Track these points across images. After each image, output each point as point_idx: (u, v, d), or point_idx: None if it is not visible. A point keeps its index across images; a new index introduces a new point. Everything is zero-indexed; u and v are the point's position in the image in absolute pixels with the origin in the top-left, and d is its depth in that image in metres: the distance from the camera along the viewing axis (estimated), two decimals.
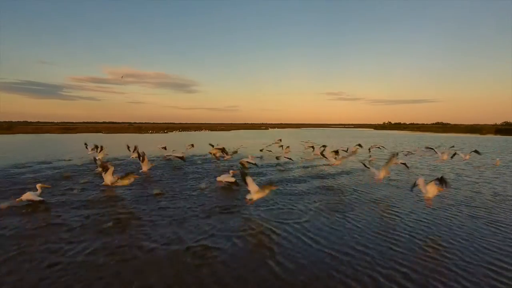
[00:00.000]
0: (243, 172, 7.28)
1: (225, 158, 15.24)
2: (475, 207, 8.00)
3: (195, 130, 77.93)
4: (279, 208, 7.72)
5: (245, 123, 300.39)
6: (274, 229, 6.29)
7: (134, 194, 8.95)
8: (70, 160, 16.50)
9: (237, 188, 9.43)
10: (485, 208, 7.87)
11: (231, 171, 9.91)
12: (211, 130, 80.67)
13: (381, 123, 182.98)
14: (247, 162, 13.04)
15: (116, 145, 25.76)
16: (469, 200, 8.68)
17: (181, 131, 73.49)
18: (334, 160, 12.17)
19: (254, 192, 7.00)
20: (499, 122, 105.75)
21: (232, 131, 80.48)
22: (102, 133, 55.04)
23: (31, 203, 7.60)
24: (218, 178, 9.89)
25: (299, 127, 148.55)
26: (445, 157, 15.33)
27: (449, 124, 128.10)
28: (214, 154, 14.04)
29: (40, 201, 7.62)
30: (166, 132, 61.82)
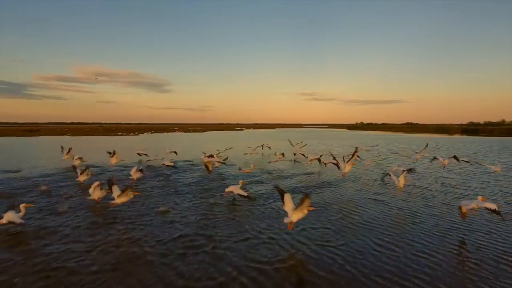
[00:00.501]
0: (280, 189, 5.91)
1: (215, 166, 13.53)
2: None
3: (168, 132, 74.28)
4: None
5: (220, 124, 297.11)
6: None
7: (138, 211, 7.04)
8: (43, 167, 14.45)
9: (252, 202, 8.45)
10: None
11: (240, 181, 8.86)
12: (185, 132, 77.44)
13: (354, 123, 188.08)
14: (217, 162, 12.45)
15: (90, 150, 22.91)
16: None
17: (153, 132, 69.69)
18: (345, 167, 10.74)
19: (292, 212, 5.56)
20: (464, 122, 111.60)
21: (208, 132, 77.74)
22: (68, 135, 50.19)
23: (10, 227, 6.14)
24: (227, 189, 8.67)
25: (274, 128, 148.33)
26: (446, 162, 14.72)
27: (418, 124, 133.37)
28: (206, 165, 12.18)
29: (20, 224, 6.13)
30: (137, 134, 58.00)
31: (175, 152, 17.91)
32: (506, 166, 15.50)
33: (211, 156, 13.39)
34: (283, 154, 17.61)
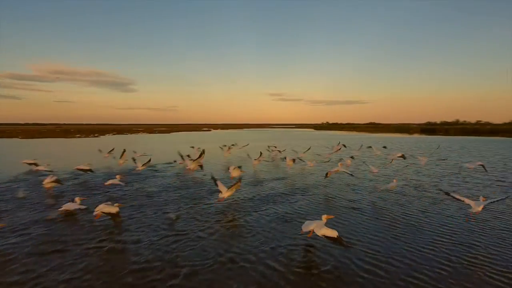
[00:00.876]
0: (214, 178, 8.48)
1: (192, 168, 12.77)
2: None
3: (131, 133, 70.58)
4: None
5: (186, 124, 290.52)
6: None
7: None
8: None
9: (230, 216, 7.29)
10: None
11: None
12: (150, 133, 74.15)
13: (320, 123, 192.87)
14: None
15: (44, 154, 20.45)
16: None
17: (115, 133, 65.84)
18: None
19: (225, 192, 7.97)
20: (423, 121, 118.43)
21: (174, 133, 75.10)
22: (19, 138, 45.39)
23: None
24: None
25: (243, 128, 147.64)
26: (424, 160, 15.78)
27: (380, 124, 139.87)
28: (189, 168, 12.15)
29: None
30: (98, 136, 54.29)
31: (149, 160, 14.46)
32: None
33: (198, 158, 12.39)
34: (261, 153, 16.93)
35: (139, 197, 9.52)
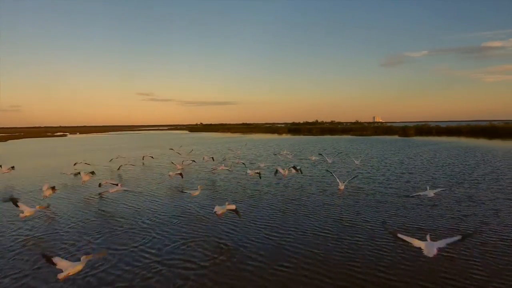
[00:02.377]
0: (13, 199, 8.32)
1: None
2: None
3: None
4: None
5: (33, 127, 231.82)
6: None
7: None
8: None
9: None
10: None
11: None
12: None
13: (194, 123, 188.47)
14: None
15: None
16: None
17: None
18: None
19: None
20: (288, 121, 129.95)
21: (12, 141, 54.78)
22: None
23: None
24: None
25: (108, 131, 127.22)
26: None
27: (252, 124, 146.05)
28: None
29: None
30: None
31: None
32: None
33: None
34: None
35: None
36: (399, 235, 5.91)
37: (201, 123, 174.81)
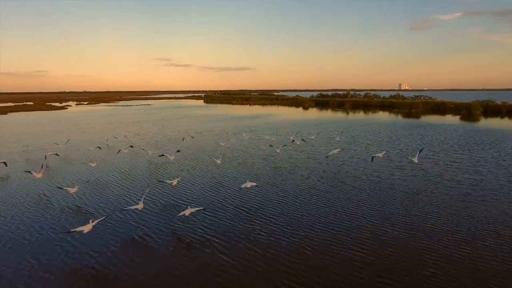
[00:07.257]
0: None
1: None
2: None
3: None
4: None
5: (60, 92, 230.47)
6: None
7: None
8: None
9: None
10: None
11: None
12: None
13: (213, 90, 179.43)
14: None
15: None
16: None
17: None
18: None
19: None
20: (310, 88, 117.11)
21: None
22: None
23: None
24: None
25: (121, 99, 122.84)
26: None
27: (272, 94, 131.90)
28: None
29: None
30: None
31: None
32: None
33: None
34: None
35: None
36: None
37: (219, 91, 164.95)
